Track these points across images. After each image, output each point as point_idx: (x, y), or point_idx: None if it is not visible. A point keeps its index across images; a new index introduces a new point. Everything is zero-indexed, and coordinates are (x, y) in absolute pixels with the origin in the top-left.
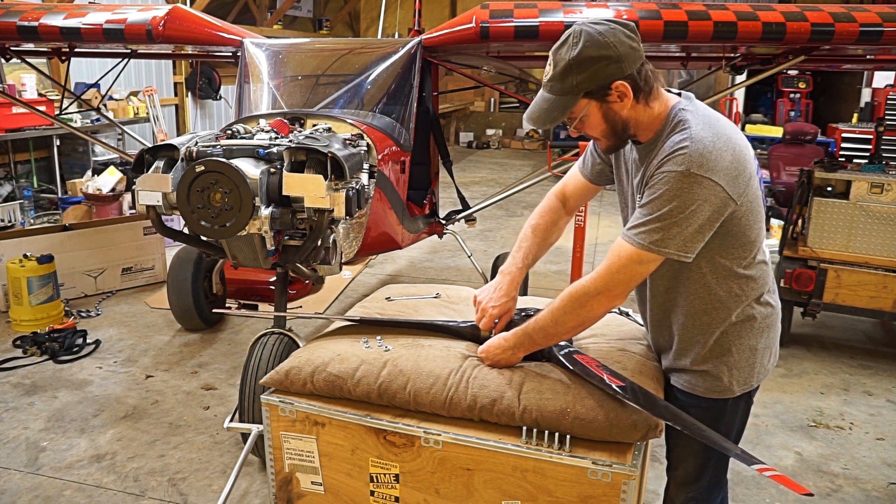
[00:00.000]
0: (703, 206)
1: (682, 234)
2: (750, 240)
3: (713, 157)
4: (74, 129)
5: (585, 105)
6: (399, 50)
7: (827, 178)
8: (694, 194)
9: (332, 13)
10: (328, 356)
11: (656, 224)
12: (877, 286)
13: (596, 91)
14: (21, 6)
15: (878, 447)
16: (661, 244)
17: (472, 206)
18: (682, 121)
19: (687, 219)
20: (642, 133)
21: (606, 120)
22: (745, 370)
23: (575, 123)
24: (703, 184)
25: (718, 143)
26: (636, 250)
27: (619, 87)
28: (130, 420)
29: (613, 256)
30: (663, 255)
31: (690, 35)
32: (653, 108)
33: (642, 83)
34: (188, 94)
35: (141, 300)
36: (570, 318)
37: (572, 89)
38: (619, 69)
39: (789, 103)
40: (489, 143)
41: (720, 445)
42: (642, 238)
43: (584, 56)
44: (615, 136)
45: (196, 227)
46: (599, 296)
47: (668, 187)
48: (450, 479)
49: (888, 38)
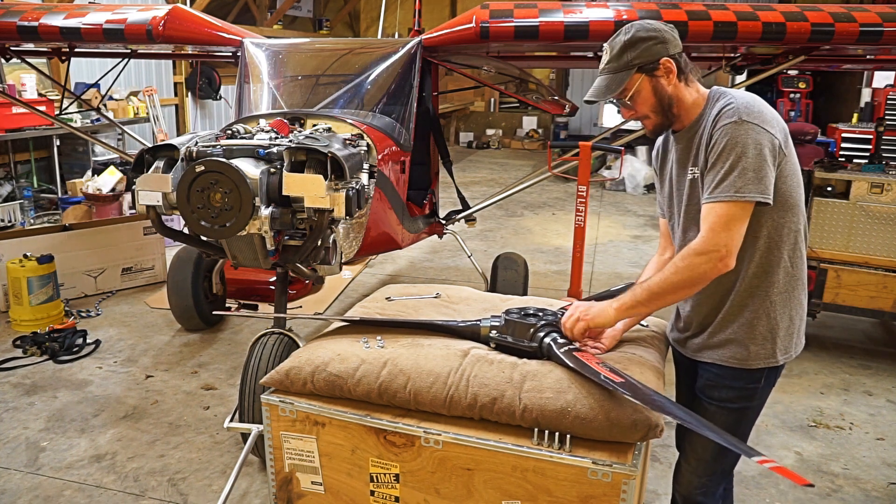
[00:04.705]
0: (763, 149)
1: (756, 176)
2: (795, 202)
3: (756, 109)
4: (74, 129)
5: (638, 79)
6: (399, 50)
7: (827, 178)
8: (751, 138)
9: (332, 13)
10: (328, 356)
11: (732, 175)
12: (877, 286)
13: (647, 65)
14: (21, 6)
15: (878, 447)
16: (744, 190)
17: (472, 206)
18: (722, 93)
19: (754, 161)
20: (685, 114)
21: (655, 94)
22: (785, 339)
23: (628, 97)
24: (756, 129)
25: (758, 103)
26: (723, 205)
27: (665, 63)
28: (130, 420)
29: (706, 222)
30: (749, 201)
31: (690, 35)
32: (692, 91)
33: (683, 64)
34: (188, 94)
35: (141, 300)
36: (679, 279)
37: (627, 65)
38: (664, 48)
39: (789, 103)
40: (489, 143)
41: (722, 438)
42: (725, 192)
43: (636, 37)
44: (662, 112)
45: (196, 227)
46: (705, 255)
47: (728, 138)
48: (450, 479)
49: (888, 38)
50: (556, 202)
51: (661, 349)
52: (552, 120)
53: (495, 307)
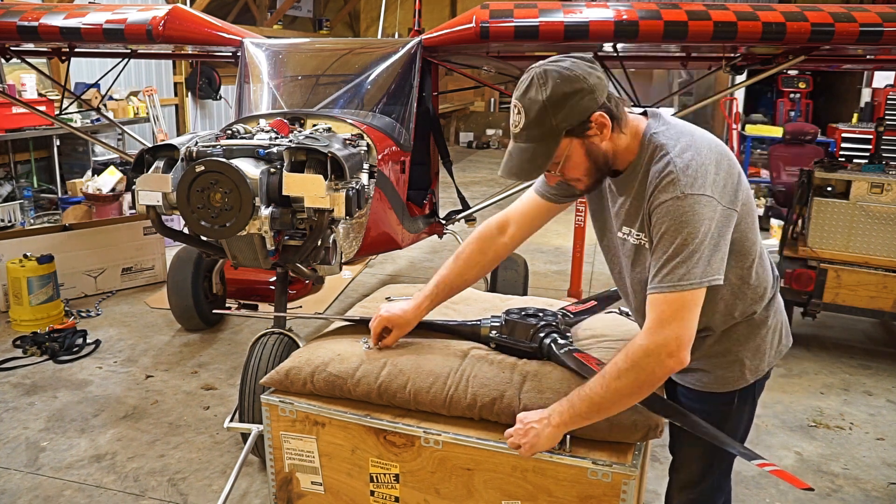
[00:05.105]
0: (711, 225)
1: (707, 258)
2: (751, 242)
3: (699, 173)
4: (74, 129)
5: (567, 145)
6: (399, 50)
7: (827, 178)
8: (697, 215)
9: (332, 13)
10: (328, 356)
11: (675, 261)
12: (877, 286)
13: (577, 128)
14: (21, 6)
15: (878, 447)
16: (689, 277)
17: (472, 206)
18: (658, 146)
19: (702, 242)
20: (620, 162)
21: (590, 157)
22: (755, 360)
23: (557, 168)
24: (701, 201)
25: (699, 157)
26: (669, 296)
27: (597, 118)
28: (130, 420)
29: (652, 314)
30: (696, 287)
31: (690, 35)
32: (626, 134)
33: (615, 110)
34: (188, 94)
35: (141, 300)
36: (624, 385)
37: (552, 131)
38: (593, 100)
39: (789, 103)
40: (489, 143)
41: (721, 442)
42: (670, 281)
43: (557, 93)
44: (598, 172)
45: (196, 227)
46: (653, 355)
47: (671, 218)
48: (450, 479)
49: (888, 38)
50: None
51: None
52: None
53: (495, 307)
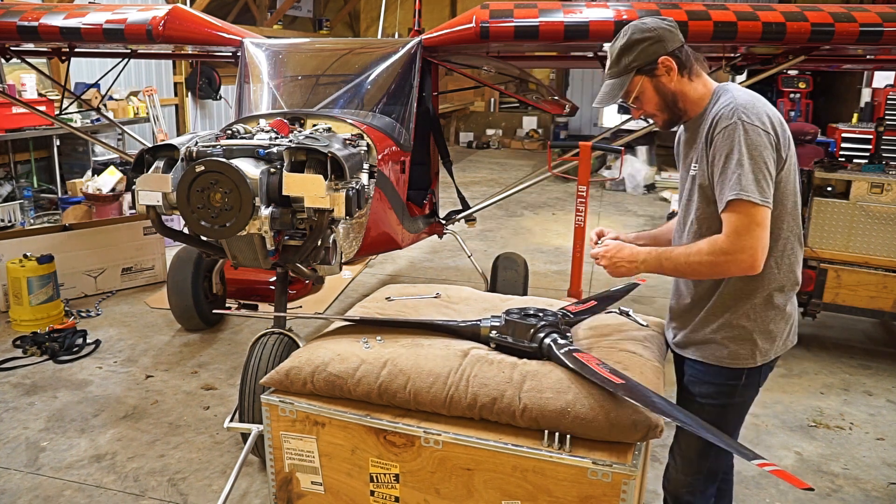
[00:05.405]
0: (764, 151)
1: (761, 179)
2: (789, 208)
3: (756, 111)
4: (74, 129)
5: (639, 81)
6: (399, 50)
7: (827, 178)
8: (751, 140)
9: (332, 13)
10: (328, 356)
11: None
12: (877, 286)
13: (645, 67)
14: (21, 6)
15: (878, 447)
16: (750, 189)
17: (472, 206)
18: (725, 91)
19: (757, 162)
20: (691, 108)
21: (658, 92)
22: (766, 342)
23: (633, 100)
24: (756, 131)
25: (758, 104)
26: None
27: (664, 61)
28: (130, 420)
29: (729, 225)
30: (759, 204)
31: (690, 35)
32: (697, 85)
33: (684, 59)
34: (188, 94)
35: (141, 300)
36: (703, 269)
37: (626, 69)
38: (661, 47)
39: (789, 103)
40: (489, 143)
41: (721, 441)
42: (734, 189)
43: (631, 40)
44: (668, 108)
45: (196, 227)
46: (731, 255)
47: (729, 140)
48: (450, 479)
49: (888, 38)
50: (556, 202)
51: (662, 349)
52: (552, 120)
53: (495, 307)
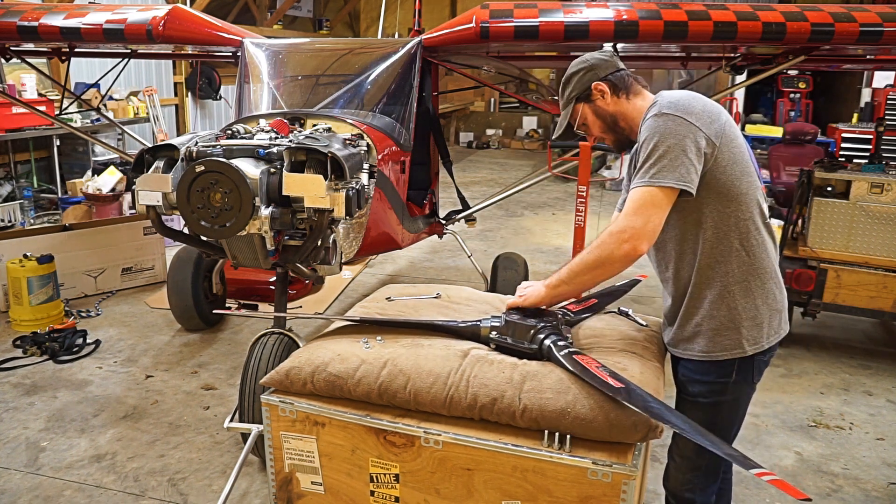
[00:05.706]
0: (685, 141)
1: (674, 165)
2: (741, 192)
3: (682, 104)
4: (74, 129)
5: (580, 108)
6: (399, 50)
7: (827, 178)
8: (671, 130)
9: (332, 13)
10: (328, 356)
11: (649, 162)
12: (877, 286)
13: (582, 94)
14: (21, 6)
15: (878, 447)
16: (658, 176)
17: (472, 206)
18: (659, 96)
19: (673, 150)
20: (634, 125)
21: (598, 116)
22: (752, 329)
23: (580, 126)
24: (677, 121)
25: (685, 97)
26: (639, 190)
27: (597, 86)
28: (130, 420)
29: (627, 206)
30: (662, 186)
31: (690, 35)
32: (636, 102)
33: (617, 82)
34: (188, 94)
35: (141, 300)
36: (591, 258)
37: (568, 100)
38: (594, 74)
39: (789, 103)
40: (489, 143)
41: (718, 448)
42: (640, 179)
43: (569, 74)
44: (611, 129)
45: (196, 227)
46: (615, 235)
47: (649, 132)
48: (450, 479)
49: (888, 38)
50: (556, 202)
51: (661, 349)
52: (552, 120)
53: (495, 308)
